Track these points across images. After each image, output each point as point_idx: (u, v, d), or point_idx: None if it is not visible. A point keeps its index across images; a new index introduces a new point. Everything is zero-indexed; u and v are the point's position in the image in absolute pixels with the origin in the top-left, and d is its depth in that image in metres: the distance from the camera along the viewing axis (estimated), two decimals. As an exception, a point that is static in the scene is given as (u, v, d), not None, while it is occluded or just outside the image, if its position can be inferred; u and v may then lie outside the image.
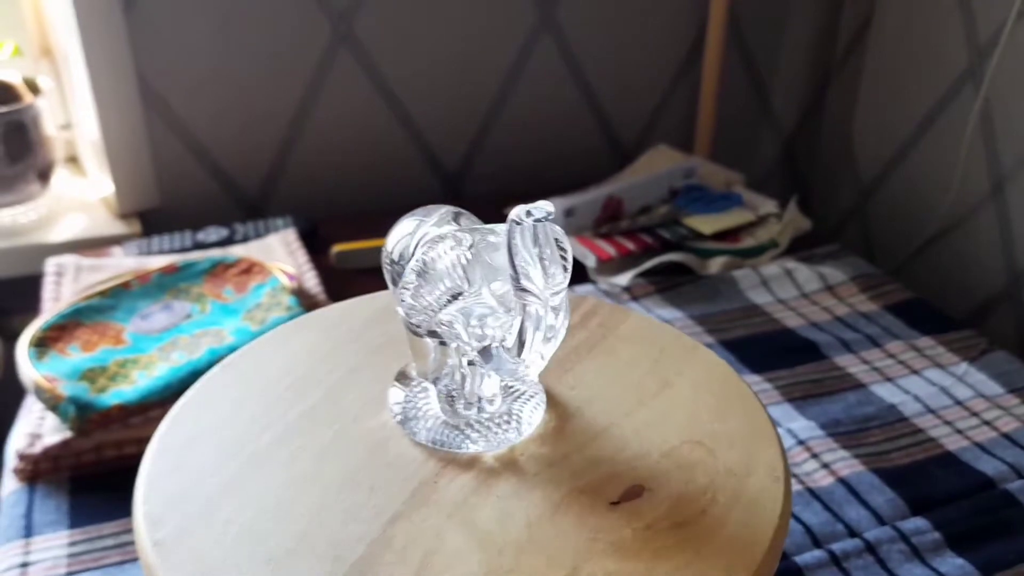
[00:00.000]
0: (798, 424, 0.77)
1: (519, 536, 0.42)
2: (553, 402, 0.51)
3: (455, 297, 0.43)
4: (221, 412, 0.50)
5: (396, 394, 0.50)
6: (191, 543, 0.42)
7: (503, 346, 0.44)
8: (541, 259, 0.40)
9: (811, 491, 0.70)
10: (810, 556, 0.63)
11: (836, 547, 0.64)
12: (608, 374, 0.53)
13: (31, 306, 0.97)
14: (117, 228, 1.09)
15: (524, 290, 0.41)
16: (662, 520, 0.43)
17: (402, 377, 0.51)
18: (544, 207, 0.40)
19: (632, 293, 0.97)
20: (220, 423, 0.49)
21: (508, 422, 0.48)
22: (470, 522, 0.43)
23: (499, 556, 0.41)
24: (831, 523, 0.67)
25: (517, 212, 0.40)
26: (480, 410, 0.48)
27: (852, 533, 0.66)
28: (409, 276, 0.44)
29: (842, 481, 0.71)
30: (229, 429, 0.49)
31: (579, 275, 1.01)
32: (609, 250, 1.02)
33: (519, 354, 0.43)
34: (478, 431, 0.47)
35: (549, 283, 0.41)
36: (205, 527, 0.43)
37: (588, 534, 0.42)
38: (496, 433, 0.47)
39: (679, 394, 0.51)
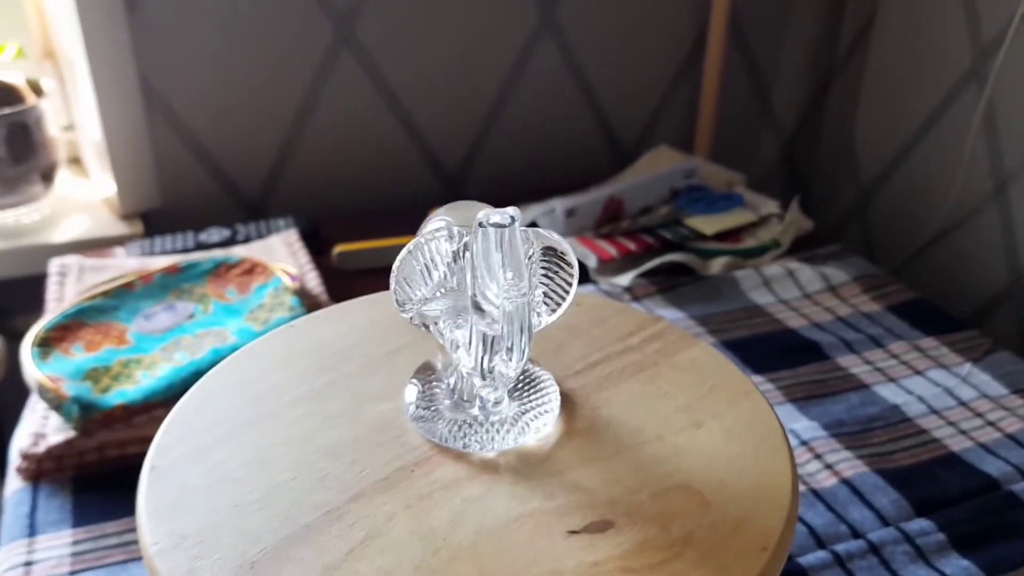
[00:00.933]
0: (801, 425, 0.77)
1: (462, 542, 0.41)
2: (569, 417, 0.49)
3: (445, 292, 0.43)
4: (262, 366, 0.53)
5: (415, 382, 0.50)
6: (179, 476, 0.45)
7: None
8: (505, 268, 0.40)
9: (815, 492, 0.70)
10: (814, 557, 0.63)
11: (840, 548, 0.64)
12: (640, 401, 0.50)
13: (34, 306, 0.97)
14: (119, 229, 1.09)
15: (477, 305, 0.42)
16: (613, 561, 0.40)
17: (426, 368, 0.51)
18: (509, 212, 0.40)
19: (633, 293, 0.97)
20: (253, 377, 0.52)
21: (509, 428, 0.47)
22: (423, 516, 0.42)
23: (433, 556, 0.40)
24: (835, 524, 0.67)
25: (480, 216, 0.40)
26: (484, 410, 0.47)
27: (856, 534, 0.66)
28: (402, 263, 0.44)
29: (846, 482, 0.71)
30: (257, 384, 0.52)
31: (581, 276, 1.00)
32: (610, 250, 1.02)
33: (473, 366, 0.44)
34: (475, 430, 0.47)
35: (510, 292, 0.41)
36: (195, 464, 0.46)
37: (531, 556, 0.40)
38: (491, 436, 0.47)
39: (706, 437, 0.47)
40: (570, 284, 0.45)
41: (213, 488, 0.44)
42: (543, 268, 0.44)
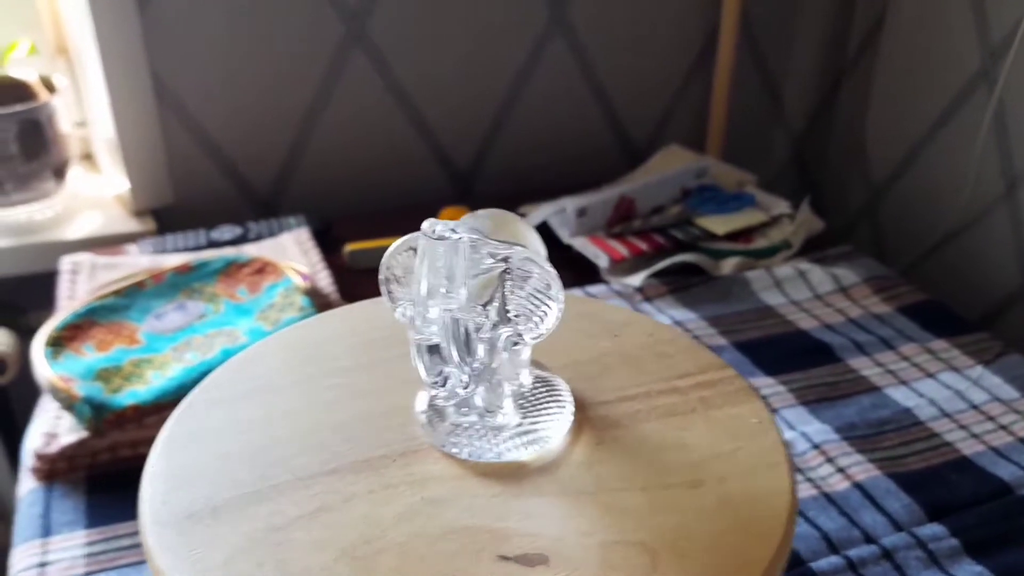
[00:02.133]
0: (812, 427, 0.77)
1: (394, 538, 0.41)
2: (571, 444, 0.48)
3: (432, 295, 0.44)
4: (306, 337, 0.56)
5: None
6: (192, 416, 0.50)
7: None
8: (449, 280, 0.41)
9: (827, 496, 0.70)
10: (826, 563, 0.63)
11: (852, 553, 0.64)
12: (651, 446, 0.48)
13: (46, 303, 0.98)
14: (132, 226, 1.10)
15: (420, 314, 0.43)
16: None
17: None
18: (449, 225, 0.40)
19: (644, 294, 0.97)
20: (289, 346, 0.55)
21: (503, 440, 0.47)
22: (379, 504, 0.43)
23: (365, 544, 0.41)
24: (847, 528, 0.66)
25: (426, 227, 0.40)
26: (481, 417, 0.47)
27: (868, 539, 0.66)
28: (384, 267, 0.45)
29: (858, 486, 0.70)
30: (306, 350, 0.55)
31: (592, 276, 1.00)
32: (621, 250, 1.01)
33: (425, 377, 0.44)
34: (467, 436, 0.47)
35: (442, 303, 0.41)
36: (213, 408, 0.50)
37: (449, 569, 0.40)
38: (479, 444, 0.46)
39: (695, 499, 0.44)
40: (548, 307, 0.43)
41: (208, 435, 0.48)
42: (528, 288, 0.43)
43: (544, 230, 1.07)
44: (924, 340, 0.89)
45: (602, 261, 1.00)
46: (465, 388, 0.44)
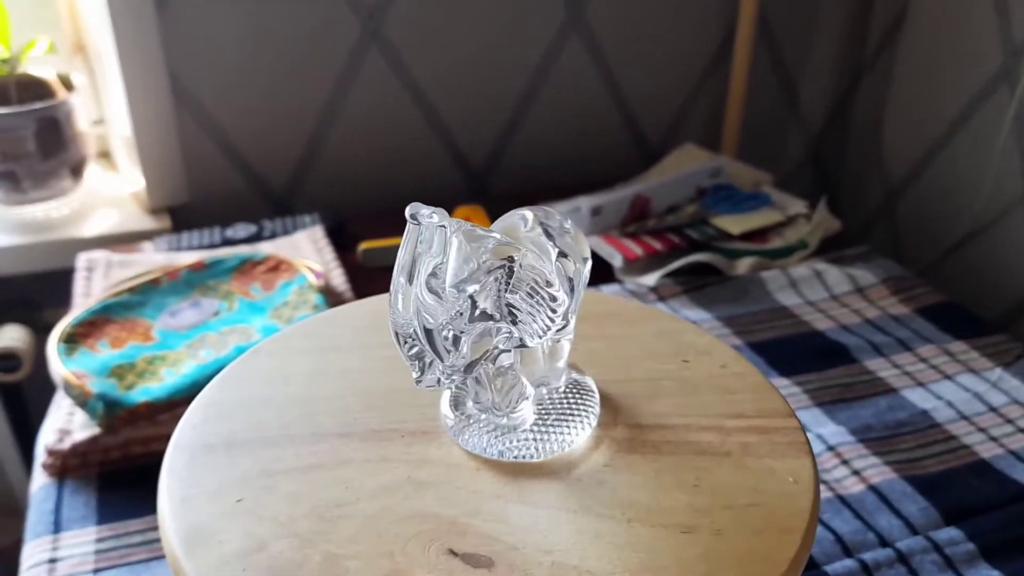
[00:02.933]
0: (828, 429, 0.76)
1: (364, 508, 0.42)
2: (583, 459, 0.46)
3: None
4: (380, 310, 0.57)
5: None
6: (250, 363, 0.53)
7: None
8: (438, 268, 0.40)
9: (841, 498, 0.69)
10: (840, 566, 0.62)
11: (867, 557, 0.63)
12: (665, 480, 0.45)
13: (63, 300, 0.98)
14: (147, 223, 1.10)
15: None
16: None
17: None
18: (433, 211, 0.39)
19: (659, 294, 0.97)
20: (365, 313, 0.57)
21: (512, 439, 0.46)
22: (366, 474, 0.44)
23: (334, 507, 0.42)
24: (862, 531, 0.66)
25: (410, 209, 0.39)
26: (493, 413, 0.46)
27: (884, 542, 0.65)
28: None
29: (873, 488, 0.70)
30: (359, 320, 0.57)
31: (606, 275, 1.00)
32: (636, 250, 1.01)
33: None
34: (480, 428, 0.46)
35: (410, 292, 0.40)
36: (268, 357, 0.54)
37: (394, 551, 0.40)
38: (486, 438, 0.46)
39: (685, 545, 0.41)
40: (550, 310, 0.42)
41: (267, 378, 0.51)
42: (527, 288, 0.42)
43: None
44: (942, 341, 0.89)
45: (616, 261, 1.00)
46: (448, 379, 0.43)
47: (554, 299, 0.42)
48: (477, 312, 0.41)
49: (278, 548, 0.40)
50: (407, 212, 0.39)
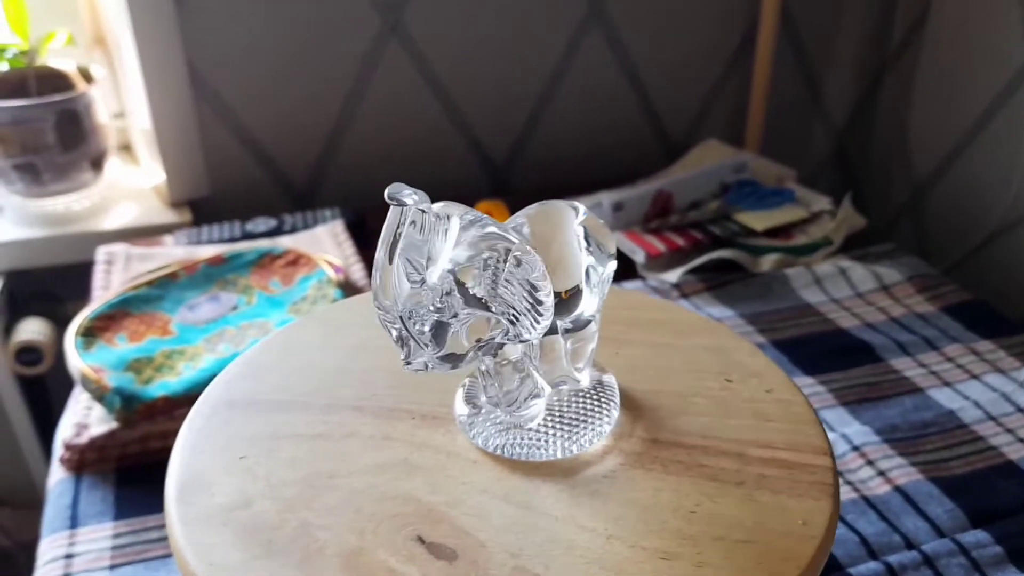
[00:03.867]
0: (852, 429, 0.75)
1: (352, 482, 0.43)
2: (584, 466, 0.44)
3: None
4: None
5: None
6: (297, 331, 0.55)
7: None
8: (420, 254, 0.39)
9: (866, 499, 0.68)
10: (865, 568, 0.61)
11: (893, 559, 0.62)
12: (662, 502, 0.43)
13: (83, 293, 0.98)
14: (168, 217, 1.10)
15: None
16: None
17: None
18: (413, 192, 0.38)
19: (682, 290, 0.95)
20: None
21: (516, 435, 0.45)
22: (364, 449, 0.45)
23: (326, 478, 0.43)
24: (887, 533, 0.65)
25: (391, 190, 0.38)
26: (500, 407, 0.45)
27: (909, 545, 0.64)
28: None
29: (899, 490, 0.68)
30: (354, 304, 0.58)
31: (628, 271, 0.99)
32: (659, 246, 1.00)
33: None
34: (488, 420, 0.46)
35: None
36: (315, 325, 0.55)
37: (363, 530, 0.41)
38: (490, 431, 0.45)
39: (673, 569, 0.39)
40: (540, 314, 0.41)
41: (305, 346, 0.53)
42: (518, 284, 0.40)
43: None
44: (969, 340, 0.87)
45: (639, 257, 0.99)
46: (435, 366, 0.41)
47: (540, 303, 0.40)
48: (468, 298, 0.40)
49: (261, 508, 0.42)
50: (387, 193, 0.38)
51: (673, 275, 0.96)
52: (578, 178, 1.26)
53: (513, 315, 0.40)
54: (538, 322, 0.40)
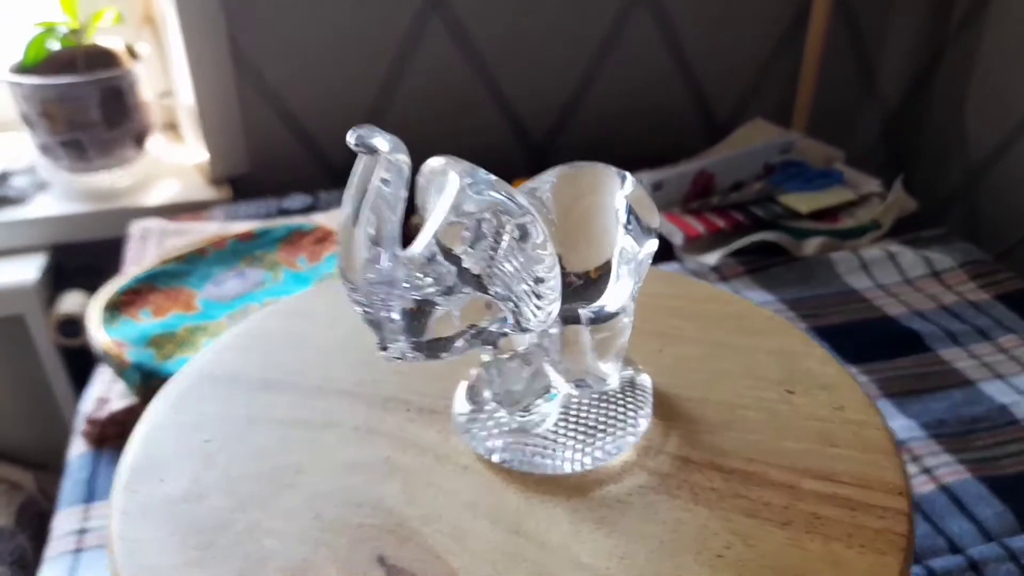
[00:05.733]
0: (898, 423, 0.72)
1: (321, 483, 0.38)
2: (592, 486, 0.38)
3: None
4: None
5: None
6: (301, 302, 0.52)
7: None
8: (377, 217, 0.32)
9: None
10: (902, 568, 0.58)
11: (936, 564, 0.59)
12: (680, 538, 0.36)
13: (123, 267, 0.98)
14: (208, 193, 1.10)
15: None
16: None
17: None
18: (389, 138, 0.31)
19: (721, 273, 0.93)
20: None
21: (516, 440, 0.39)
22: (345, 443, 0.41)
23: (296, 473, 0.39)
24: (931, 536, 0.61)
25: (355, 134, 0.32)
26: (509, 408, 0.40)
27: (954, 549, 0.61)
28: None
29: (945, 489, 0.65)
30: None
31: (666, 253, 0.96)
32: (698, 227, 0.97)
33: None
34: (486, 420, 0.40)
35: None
36: (325, 296, 0.52)
37: (325, 538, 0.36)
38: (484, 432, 0.39)
39: None
40: (539, 307, 0.34)
41: (312, 320, 0.49)
42: (518, 263, 0.34)
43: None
44: (1024, 331, 0.83)
45: (677, 238, 0.96)
46: (413, 355, 0.35)
47: (541, 280, 0.34)
48: (461, 272, 0.33)
49: (212, 503, 0.37)
50: (351, 138, 0.31)
51: (712, 257, 0.93)
52: (620, 157, 1.22)
53: (511, 298, 0.34)
54: (540, 307, 0.34)
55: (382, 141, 0.31)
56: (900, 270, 0.92)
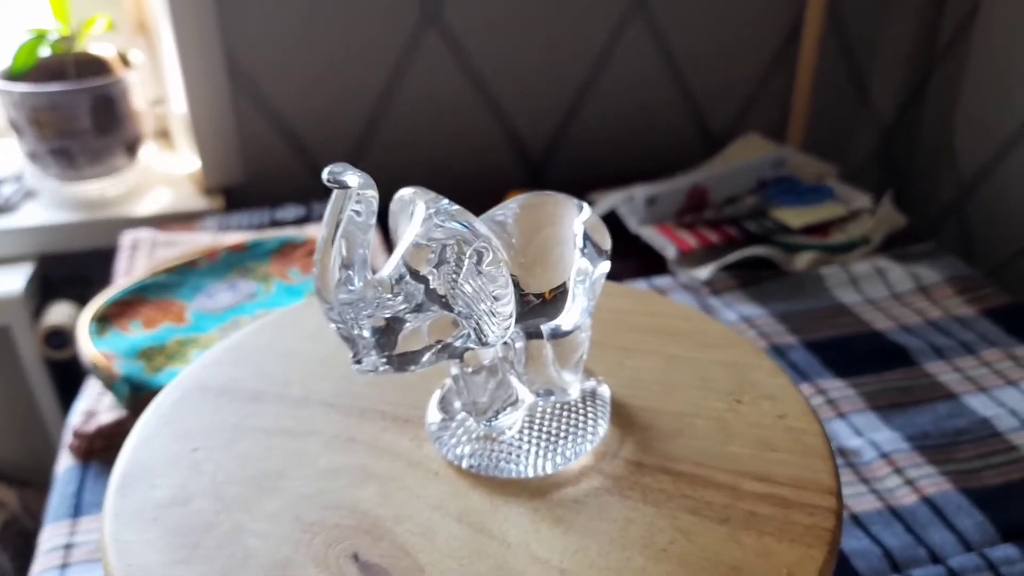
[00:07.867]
0: (882, 435, 0.72)
1: (301, 487, 0.41)
2: (552, 488, 0.41)
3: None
4: None
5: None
6: (294, 315, 0.54)
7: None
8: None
9: (892, 510, 0.65)
10: (885, 582, 0.59)
11: (917, 574, 0.59)
12: (631, 535, 0.39)
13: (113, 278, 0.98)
14: (201, 203, 1.10)
15: None
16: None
17: None
18: (359, 174, 0.35)
19: (713, 287, 0.93)
20: None
21: (482, 446, 0.42)
22: (324, 450, 0.43)
23: (277, 478, 0.41)
24: (912, 547, 0.62)
25: (328, 172, 0.35)
26: (476, 417, 0.43)
27: (935, 559, 0.61)
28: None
29: (927, 500, 0.66)
30: None
31: (658, 267, 0.97)
32: (691, 241, 0.97)
33: None
34: (456, 428, 0.43)
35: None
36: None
37: (304, 539, 0.39)
38: (453, 440, 0.42)
39: None
40: (495, 325, 0.37)
41: (301, 334, 0.51)
42: (479, 284, 0.37)
43: (612, 219, 1.04)
44: (1008, 345, 0.83)
45: (670, 252, 0.96)
46: (384, 368, 0.38)
47: (497, 299, 0.37)
48: (428, 292, 0.37)
49: (199, 506, 0.40)
50: (325, 175, 0.35)
51: (704, 271, 0.94)
52: (616, 171, 1.24)
53: (472, 316, 0.37)
54: (497, 324, 0.37)
55: (353, 177, 0.35)
56: (888, 285, 0.93)
